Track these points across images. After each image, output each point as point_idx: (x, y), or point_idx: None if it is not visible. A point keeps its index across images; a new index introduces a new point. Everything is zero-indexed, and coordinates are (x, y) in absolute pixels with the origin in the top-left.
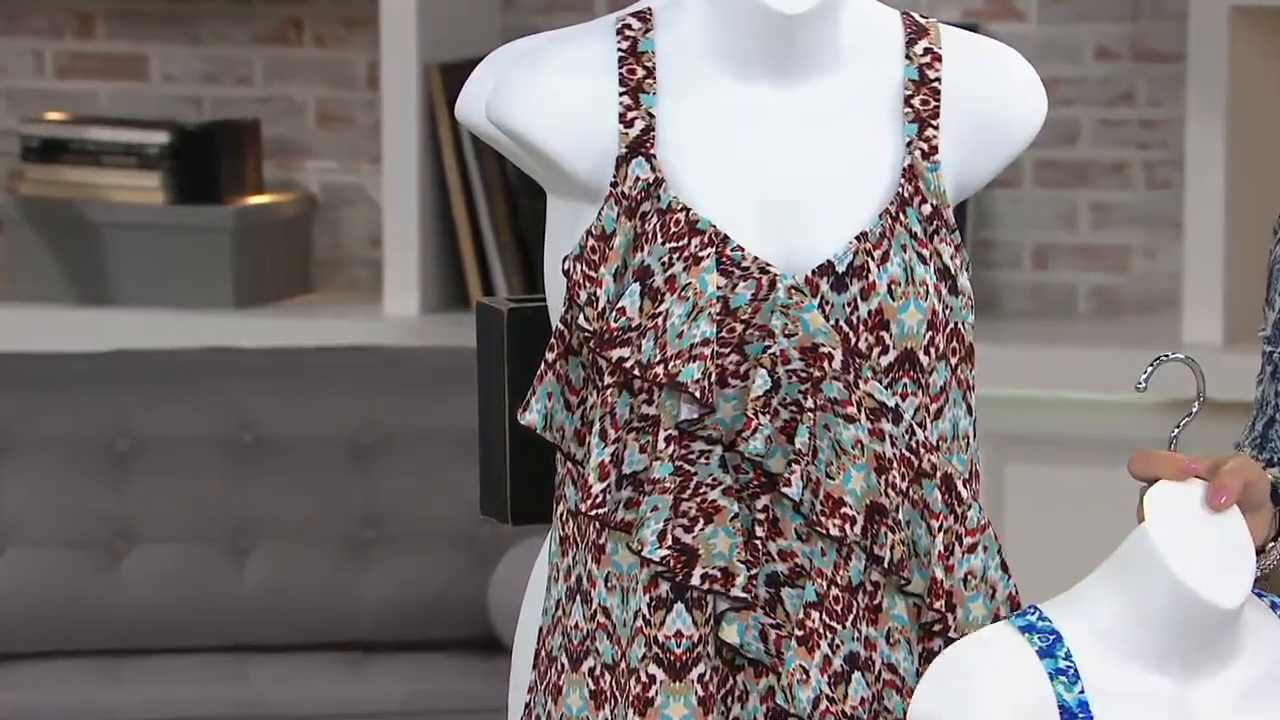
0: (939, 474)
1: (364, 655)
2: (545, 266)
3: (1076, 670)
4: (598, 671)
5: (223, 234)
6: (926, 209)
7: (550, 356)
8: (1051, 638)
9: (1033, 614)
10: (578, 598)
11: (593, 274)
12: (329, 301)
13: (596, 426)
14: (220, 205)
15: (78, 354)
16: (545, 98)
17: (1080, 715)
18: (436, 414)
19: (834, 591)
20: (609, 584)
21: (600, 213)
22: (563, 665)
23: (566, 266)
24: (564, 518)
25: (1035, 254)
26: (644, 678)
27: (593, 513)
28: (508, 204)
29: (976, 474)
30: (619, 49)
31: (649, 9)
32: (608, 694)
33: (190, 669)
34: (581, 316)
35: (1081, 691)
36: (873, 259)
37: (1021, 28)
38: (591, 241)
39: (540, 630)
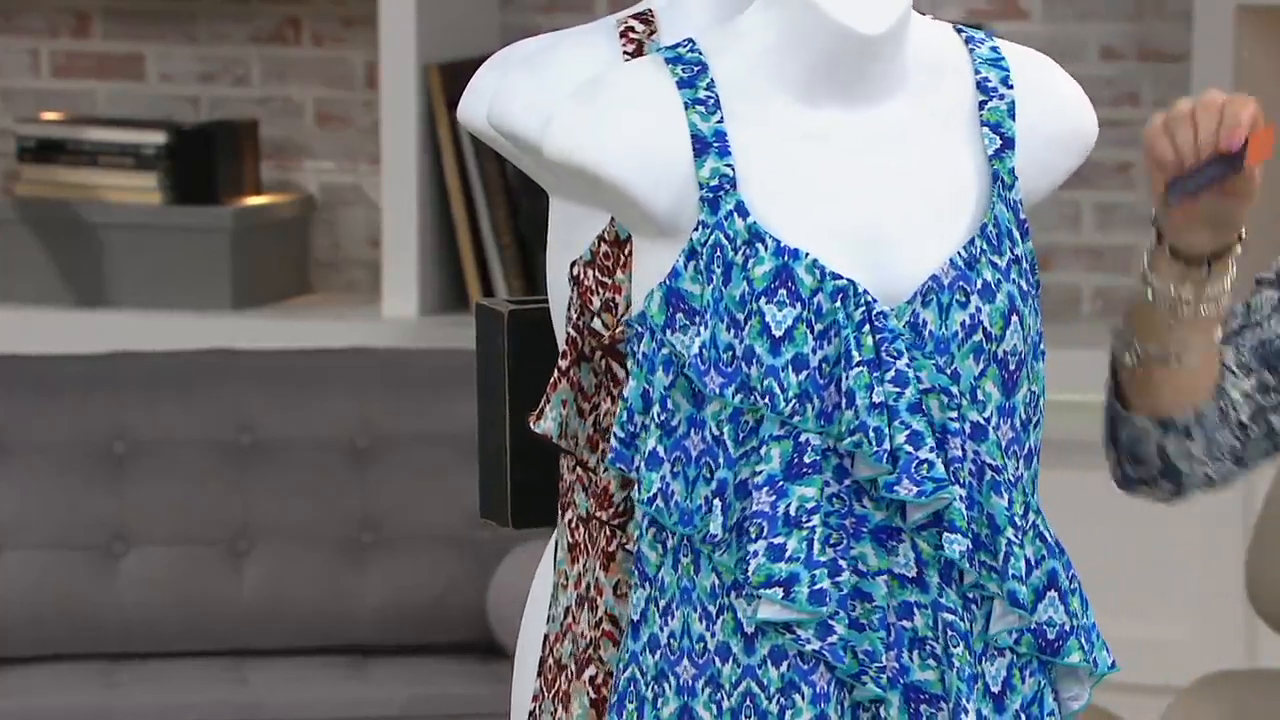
0: None
1: (363, 659)
2: (547, 268)
3: (717, 100)
4: (599, 680)
5: (220, 235)
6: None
7: (564, 364)
8: (696, 68)
9: (685, 45)
10: (586, 605)
11: (607, 280)
12: (327, 303)
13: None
14: (218, 206)
15: (74, 356)
16: (549, 103)
17: (715, 144)
18: (435, 416)
19: None
20: (618, 592)
21: (613, 218)
22: (572, 673)
23: (576, 272)
24: (573, 524)
25: (1039, 255)
26: None
27: (615, 521)
28: (508, 205)
29: None
30: (625, 52)
31: (650, 10)
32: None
33: (188, 673)
34: (598, 322)
35: (720, 121)
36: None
37: (1025, 27)
38: (604, 247)
39: (546, 638)
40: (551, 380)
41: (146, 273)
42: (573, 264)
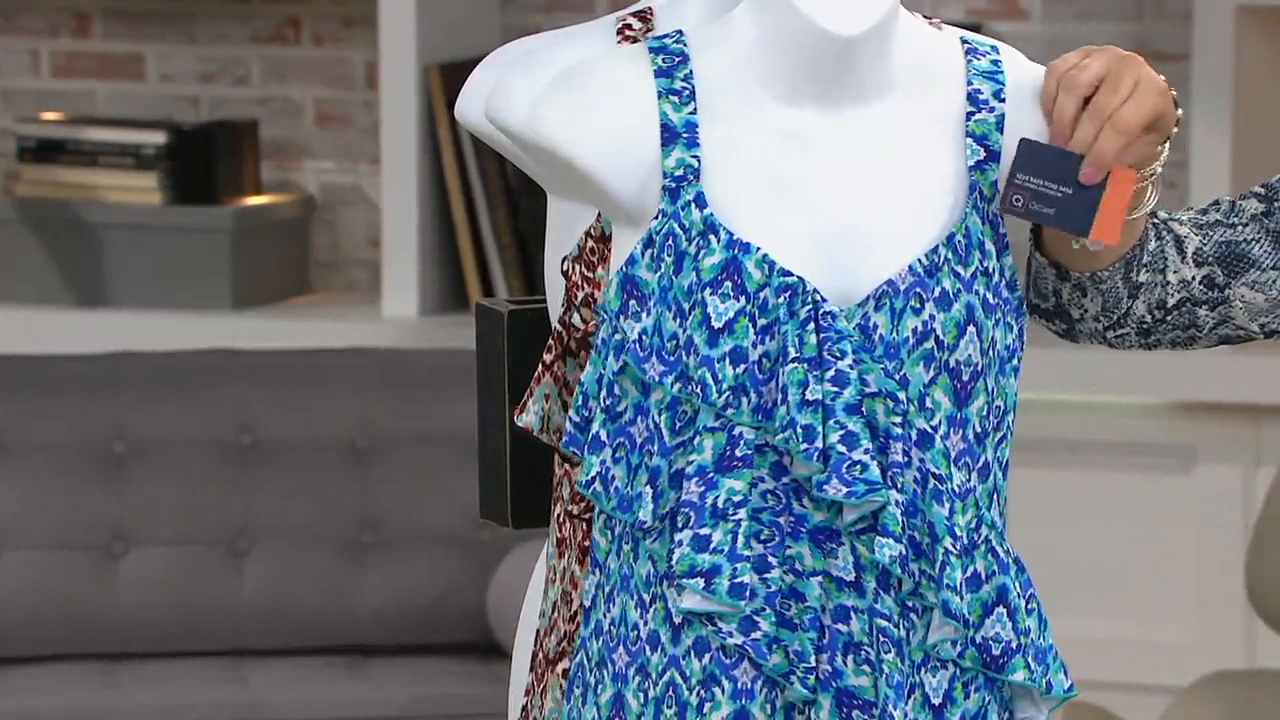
0: None
1: (363, 659)
2: (545, 267)
3: (693, 92)
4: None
5: (220, 235)
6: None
7: (548, 358)
8: (677, 59)
9: (672, 37)
10: (564, 599)
11: (590, 275)
12: (327, 303)
13: None
14: (218, 206)
15: (74, 356)
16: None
17: (684, 134)
18: (435, 417)
19: None
20: None
21: (600, 214)
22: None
23: (565, 267)
24: (560, 520)
25: None
26: None
27: (585, 515)
28: (507, 205)
29: None
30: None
31: (649, 8)
32: None
33: (188, 673)
34: (578, 316)
35: (693, 112)
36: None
37: (1025, 27)
38: (590, 243)
39: (538, 633)
40: (536, 374)
41: (146, 273)
42: (564, 260)
